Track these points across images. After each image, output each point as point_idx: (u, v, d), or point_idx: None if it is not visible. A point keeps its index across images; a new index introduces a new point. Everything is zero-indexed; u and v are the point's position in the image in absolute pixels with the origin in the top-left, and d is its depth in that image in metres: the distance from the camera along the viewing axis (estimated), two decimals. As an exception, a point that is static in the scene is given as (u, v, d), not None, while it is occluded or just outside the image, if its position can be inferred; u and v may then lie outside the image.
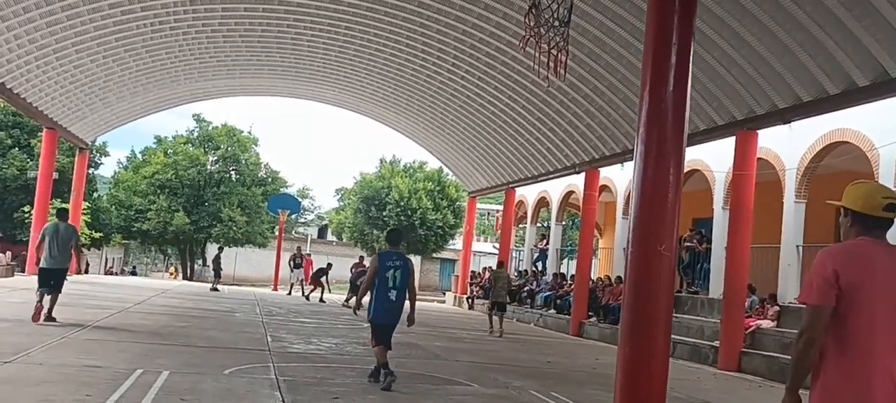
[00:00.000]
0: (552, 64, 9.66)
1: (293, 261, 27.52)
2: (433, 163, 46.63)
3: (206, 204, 46.82)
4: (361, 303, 8.86)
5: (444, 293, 40.47)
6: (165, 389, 7.18)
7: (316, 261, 28.97)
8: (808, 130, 14.34)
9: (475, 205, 34.04)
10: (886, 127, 12.58)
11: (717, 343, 14.59)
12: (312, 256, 30.23)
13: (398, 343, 9.95)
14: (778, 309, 14.50)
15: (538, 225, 29.12)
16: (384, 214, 46.27)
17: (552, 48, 9.66)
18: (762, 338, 14.23)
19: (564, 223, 28.00)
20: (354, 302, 9.53)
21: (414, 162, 51.12)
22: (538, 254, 26.86)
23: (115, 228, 45.70)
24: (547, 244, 26.44)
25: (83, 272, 28.54)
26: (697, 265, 18.17)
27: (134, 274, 51.27)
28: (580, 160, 21.18)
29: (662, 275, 6.74)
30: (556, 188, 25.36)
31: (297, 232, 60.06)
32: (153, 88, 25.82)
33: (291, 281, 27.95)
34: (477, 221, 41.00)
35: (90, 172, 38.58)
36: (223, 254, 29.19)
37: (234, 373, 8.55)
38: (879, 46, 11.12)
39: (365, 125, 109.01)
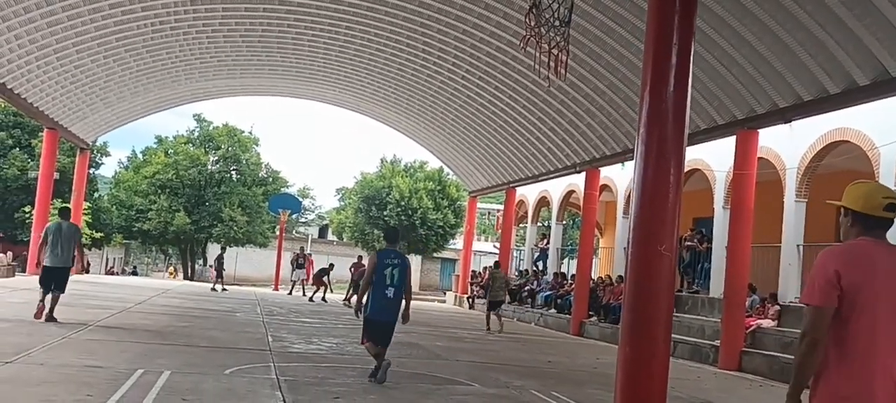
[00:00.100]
0: (553, 64, 9.66)
1: (296, 262, 27.54)
2: (434, 163, 46.67)
3: (206, 204, 46.83)
4: (362, 303, 8.89)
5: (444, 293, 40.46)
6: (166, 389, 7.18)
7: (317, 261, 29.00)
8: (808, 129, 14.34)
9: (476, 205, 34.05)
10: (887, 126, 12.58)
11: (717, 343, 14.60)
12: (313, 256, 30.21)
13: (399, 343, 9.96)
14: (778, 308, 14.50)
15: (539, 224, 29.11)
16: (385, 214, 46.24)
17: (553, 48, 9.65)
18: (763, 338, 14.23)
19: (565, 222, 28.00)
20: (355, 303, 9.55)
21: (414, 161, 51.19)
22: (539, 254, 26.86)
23: (115, 228, 45.74)
24: (547, 243, 26.44)
25: (85, 271, 28.53)
26: (698, 264, 18.17)
27: (135, 274, 51.30)
28: (581, 159, 21.18)
29: (663, 275, 6.74)
30: (556, 187, 25.35)
31: (297, 231, 60.07)
32: (154, 88, 25.83)
33: (293, 279, 27.95)
34: (477, 221, 40.99)
35: (91, 172, 38.61)
36: (225, 254, 29.15)
37: (235, 373, 8.56)
38: (880, 45, 11.12)
39: (365, 125, 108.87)
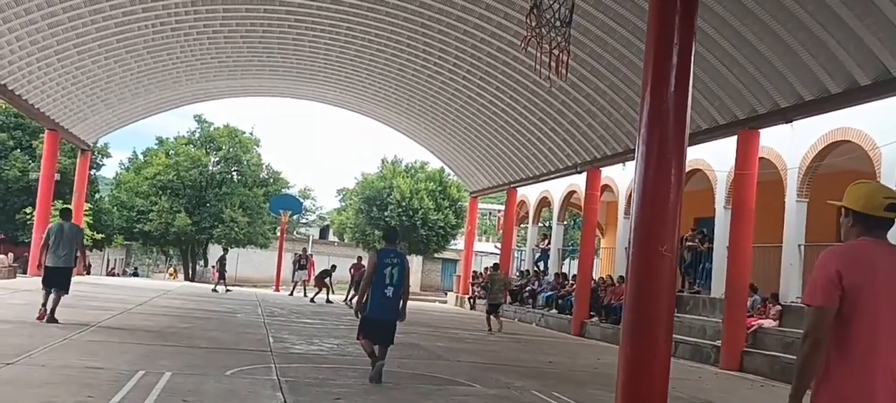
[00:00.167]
0: (553, 64, 9.66)
1: (298, 263, 27.57)
2: (435, 164, 46.66)
3: (207, 204, 46.84)
4: (362, 303, 8.95)
5: (445, 293, 40.44)
6: (168, 390, 7.18)
7: (317, 262, 29.01)
8: (809, 129, 14.33)
9: (477, 205, 34.04)
10: (888, 126, 12.57)
11: (718, 343, 14.59)
12: (314, 257, 30.23)
13: (400, 344, 9.96)
14: (780, 308, 14.49)
15: (540, 224, 29.10)
16: (386, 214, 46.23)
17: (554, 48, 9.65)
18: (764, 338, 14.22)
19: (566, 223, 27.99)
20: (355, 302, 9.59)
21: (415, 162, 51.18)
22: (540, 254, 26.85)
23: (116, 229, 45.77)
24: (548, 244, 26.43)
25: (86, 273, 28.55)
26: (699, 264, 18.17)
27: (136, 275, 51.32)
28: (582, 160, 21.17)
29: (664, 276, 6.74)
30: (557, 188, 25.34)
31: (298, 232, 60.09)
32: (155, 89, 25.85)
33: (294, 280, 27.98)
34: (478, 221, 40.97)
35: (92, 173, 38.59)
36: (227, 255, 29.13)
37: (236, 374, 8.56)
38: (881, 45, 11.12)
39: (366, 125, 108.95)
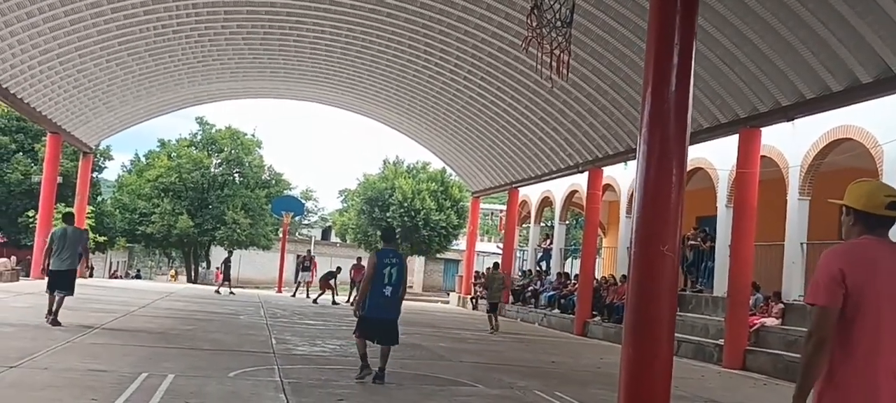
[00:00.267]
0: (555, 64, 9.66)
1: (302, 264, 27.61)
2: (436, 164, 46.60)
3: (209, 206, 46.88)
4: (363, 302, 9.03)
5: (447, 293, 40.43)
6: (171, 392, 7.19)
7: (320, 263, 29.04)
8: (811, 127, 14.31)
9: (478, 206, 34.04)
10: (890, 123, 12.55)
11: (721, 342, 14.58)
12: (316, 258, 30.24)
13: (403, 345, 9.96)
14: (782, 306, 14.48)
15: (542, 224, 29.10)
16: (388, 215, 46.22)
17: (555, 48, 9.65)
18: (767, 336, 14.21)
19: (568, 222, 27.98)
20: (356, 302, 9.67)
21: (417, 162, 51.10)
22: (542, 254, 26.85)
23: (119, 232, 45.81)
24: (550, 243, 26.42)
25: (89, 275, 28.58)
26: (701, 263, 18.14)
27: (138, 277, 51.38)
28: (583, 159, 21.16)
29: (665, 276, 6.74)
30: (559, 187, 25.33)
31: (300, 233, 60.11)
32: (156, 92, 25.87)
33: (298, 281, 28.03)
34: (480, 221, 40.98)
35: (94, 176, 38.63)
36: (231, 258, 29.14)
37: (238, 376, 8.58)
38: (882, 43, 11.10)
39: (368, 126, 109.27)
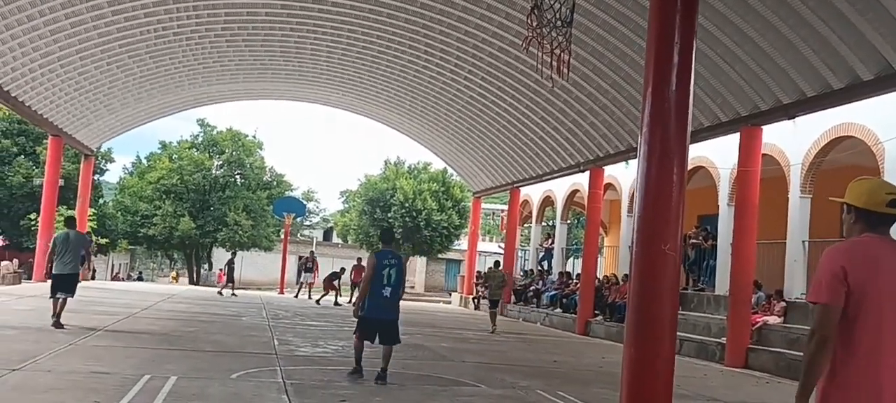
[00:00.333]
0: (555, 64, 9.66)
1: (305, 265, 27.65)
2: (437, 164, 46.59)
3: (211, 208, 46.88)
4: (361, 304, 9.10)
5: (449, 294, 40.44)
6: (173, 394, 7.20)
7: (321, 263, 29.08)
8: (812, 125, 14.30)
9: (480, 206, 34.03)
10: (891, 121, 12.53)
11: (723, 340, 14.58)
12: (318, 259, 30.29)
13: (405, 345, 9.98)
14: (784, 304, 14.47)
15: (543, 224, 29.10)
16: (389, 216, 46.24)
17: (555, 48, 9.65)
18: (769, 334, 14.21)
19: (569, 221, 27.97)
20: (356, 303, 9.73)
21: (418, 163, 51.11)
22: (543, 253, 26.84)
23: (121, 234, 45.80)
24: (552, 243, 26.41)
25: (91, 277, 28.58)
26: (703, 262, 18.13)
27: (140, 279, 51.43)
28: (584, 159, 21.15)
29: (667, 275, 6.74)
30: (560, 187, 25.33)
31: (302, 234, 60.13)
32: (157, 94, 25.88)
33: (300, 282, 28.08)
34: (482, 221, 40.97)
35: (96, 179, 38.65)
36: (234, 259, 29.15)
37: (241, 377, 8.58)
38: (883, 40, 11.10)
39: (369, 127, 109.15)
